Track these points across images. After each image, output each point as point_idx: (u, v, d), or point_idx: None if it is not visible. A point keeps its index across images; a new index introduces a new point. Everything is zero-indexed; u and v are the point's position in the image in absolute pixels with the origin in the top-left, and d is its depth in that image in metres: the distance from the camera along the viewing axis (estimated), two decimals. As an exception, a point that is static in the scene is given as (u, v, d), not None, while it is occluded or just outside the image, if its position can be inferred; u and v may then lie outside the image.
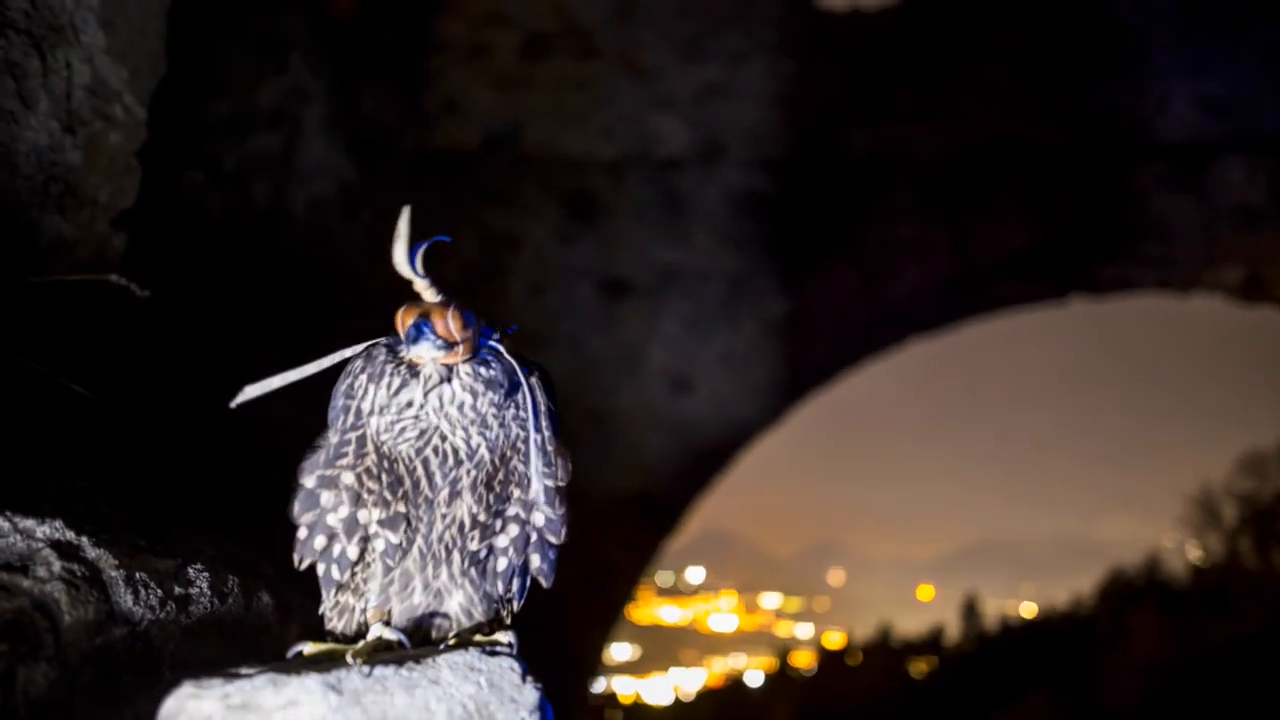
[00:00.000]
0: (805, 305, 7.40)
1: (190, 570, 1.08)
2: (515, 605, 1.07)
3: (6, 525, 0.89)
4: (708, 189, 7.41)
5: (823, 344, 7.55)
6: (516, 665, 0.90)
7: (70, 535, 0.95)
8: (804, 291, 7.39)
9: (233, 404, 1.00)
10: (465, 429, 0.98)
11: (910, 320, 8.06)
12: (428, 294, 1.01)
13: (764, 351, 7.41)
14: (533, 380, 1.07)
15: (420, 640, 1.01)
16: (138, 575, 0.99)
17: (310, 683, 0.79)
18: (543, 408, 1.05)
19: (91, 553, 0.95)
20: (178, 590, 1.04)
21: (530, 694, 0.87)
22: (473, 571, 1.01)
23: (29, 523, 0.92)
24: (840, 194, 7.27)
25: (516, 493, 1.04)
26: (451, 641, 0.99)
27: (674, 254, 7.43)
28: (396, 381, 0.98)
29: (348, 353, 1.03)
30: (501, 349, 1.07)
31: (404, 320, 1.00)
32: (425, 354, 0.99)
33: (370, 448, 0.99)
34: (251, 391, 0.98)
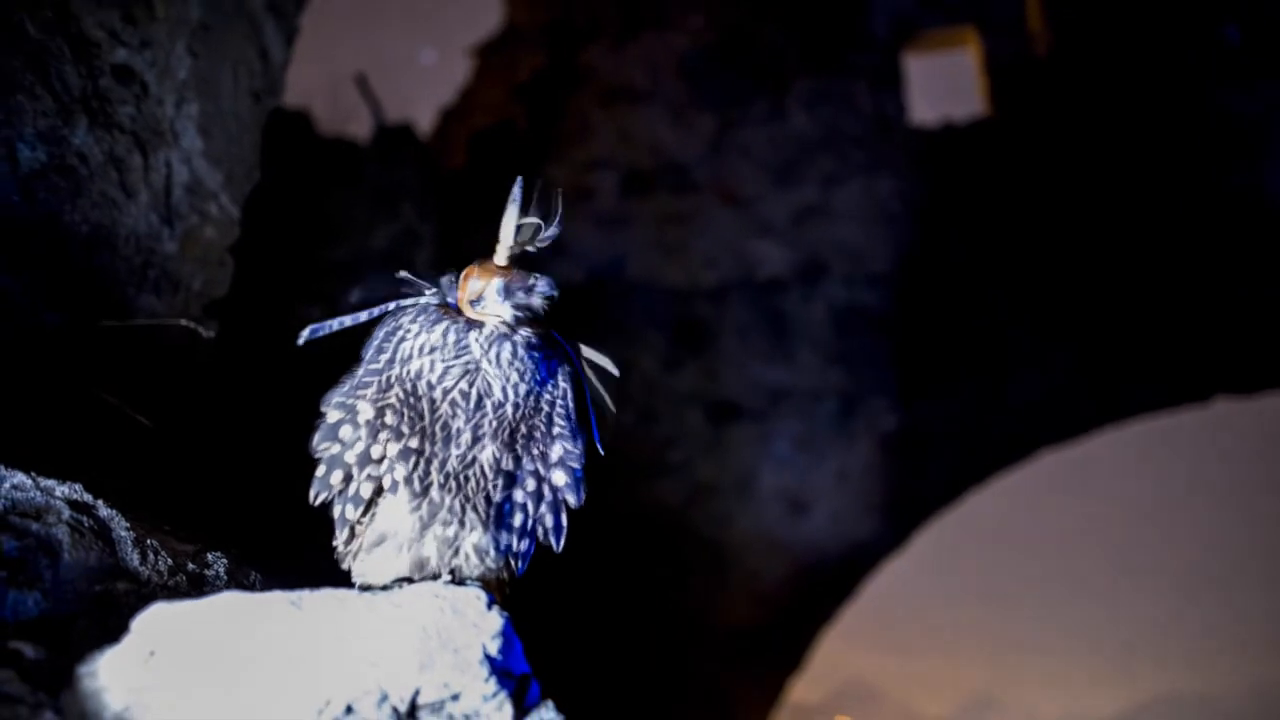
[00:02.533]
0: (921, 420, 7.14)
1: (210, 555, 1.08)
2: (519, 565, 1.04)
3: (29, 482, 0.93)
4: (811, 308, 7.39)
5: (943, 460, 7.22)
6: (483, 595, 0.85)
7: (87, 498, 0.97)
8: (919, 406, 7.15)
9: (299, 342, 1.06)
10: (503, 381, 0.99)
11: (1037, 431, 7.62)
12: (502, 260, 1.05)
13: (881, 469, 7.14)
14: (565, 357, 1.09)
15: (432, 578, 0.98)
16: (149, 541, 0.99)
17: (273, 598, 0.77)
18: (572, 375, 1.11)
19: (104, 512, 0.97)
20: (191, 567, 1.03)
21: (494, 620, 0.81)
22: (493, 519, 1.00)
23: (50, 482, 0.95)
24: (948, 305, 7.11)
25: (536, 450, 1.04)
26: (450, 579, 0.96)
27: (781, 374, 7.36)
28: (453, 333, 1.01)
29: (406, 303, 1.07)
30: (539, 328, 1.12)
31: (482, 277, 1.03)
32: (504, 313, 1.04)
33: (397, 386, 1.00)
34: (314, 331, 1.04)
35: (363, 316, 1.07)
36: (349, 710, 0.69)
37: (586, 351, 1.15)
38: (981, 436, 7.18)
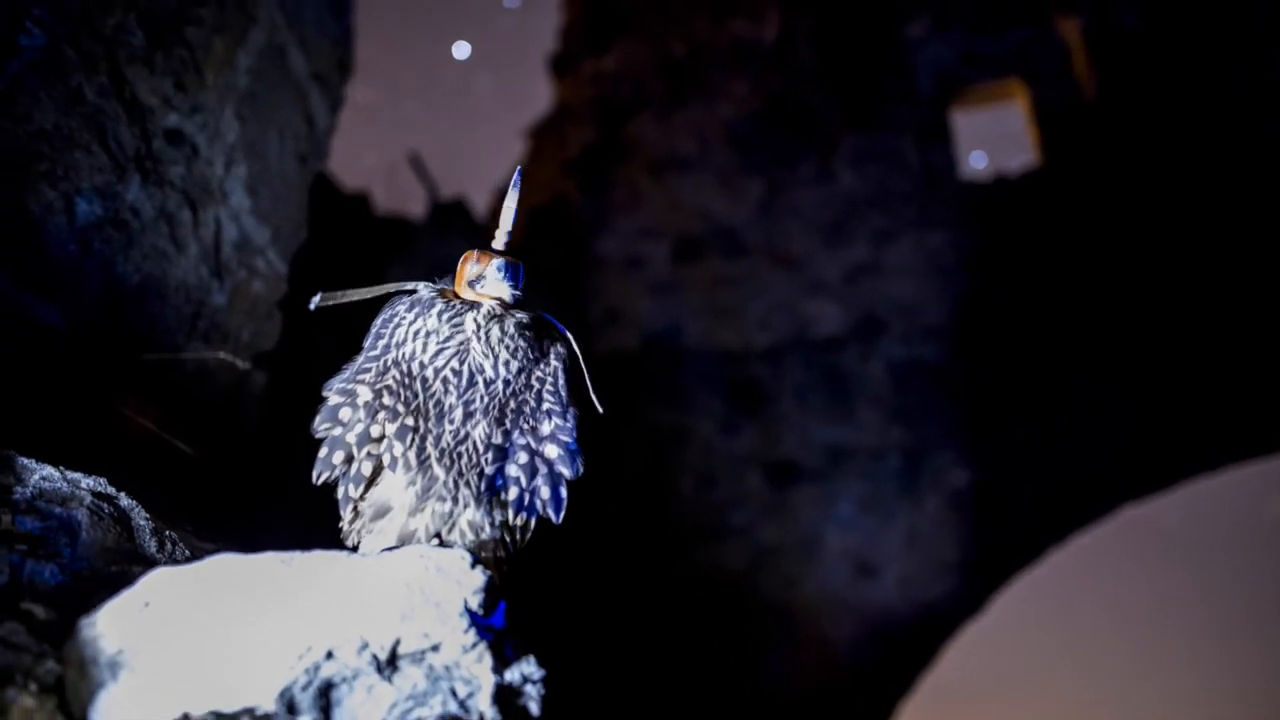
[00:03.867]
0: (991, 476, 6.94)
1: (229, 555, 1.11)
2: (521, 538, 1.06)
3: (57, 474, 0.98)
4: (869, 365, 7.31)
5: (1018, 516, 6.97)
6: (467, 556, 0.85)
7: (110, 490, 1.02)
8: (987, 461, 6.96)
9: (311, 307, 1.12)
10: (494, 359, 1.02)
11: (1116, 485, 7.32)
12: (500, 244, 1.10)
13: (952, 528, 6.92)
14: (557, 336, 1.13)
15: None
16: (167, 532, 1.03)
17: (266, 557, 0.80)
18: (564, 355, 1.13)
19: (125, 502, 1.02)
20: (209, 561, 1.07)
21: (477, 577, 0.82)
22: (486, 494, 1.01)
23: (77, 475, 1.00)
24: (1009, 356, 6.97)
25: (527, 425, 1.06)
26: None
27: (842, 433, 7.25)
28: (450, 314, 1.05)
29: (408, 285, 1.12)
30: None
31: (481, 260, 1.07)
32: (504, 292, 1.08)
33: (394, 369, 1.04)
34: (324, 299, 1.10)
35: (373, 292, 1.13)
36: (329, 655, 0.71)
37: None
38: (1057, 491, 6.94)
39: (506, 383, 1.04)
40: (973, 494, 6.95)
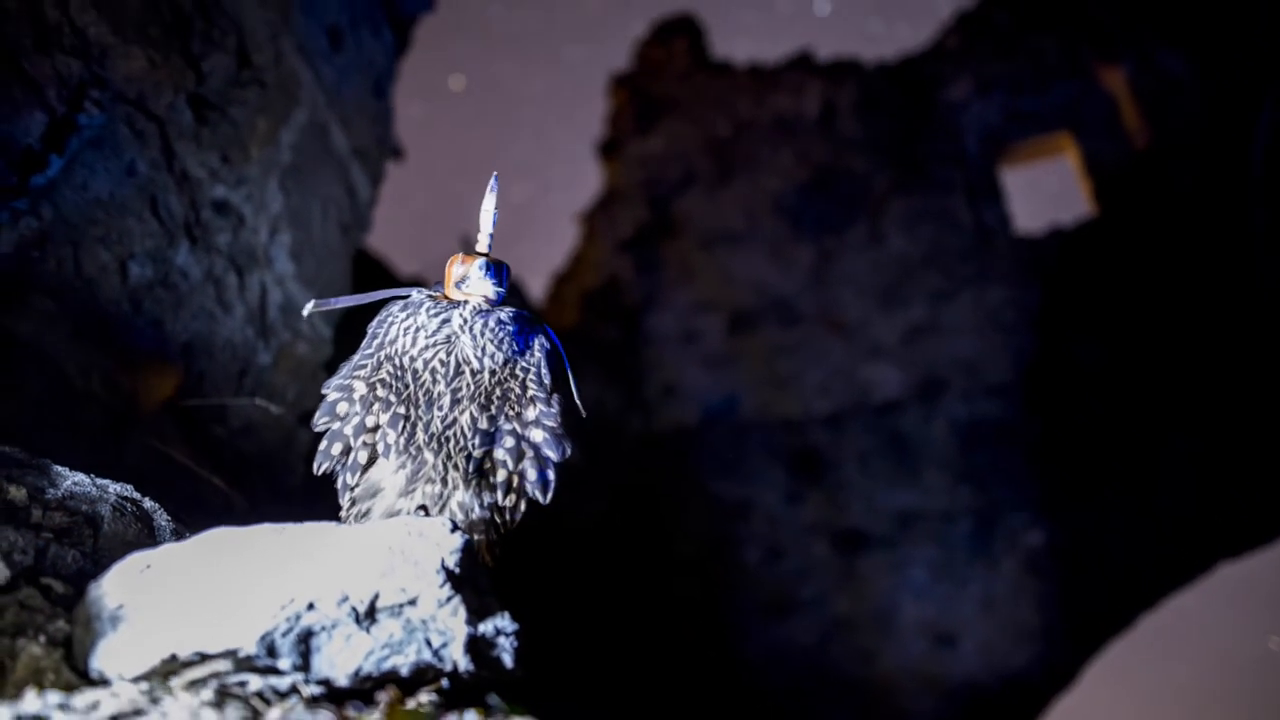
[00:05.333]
0: (1069, 535, 6.65)
1: (226, 527, 1.16)
2: (510, 519, 1.07)
3: (87, 480, 1.05)
4: (932, 426, 7.15)
5: (1101, 578, 6.63)
6: (448, 522, 0.87)
7: (136, 495, 1.08)
8: (1064, 521, 6.68)
9: (305, 313, 1.18)
10: (479, 351, 1.06)
11: (1209, 540, 6.94)
12: (483, 247, 1.15)
13: (1031, 593, 6.62)
14: (542, 329, 1.16)
15: None
16: (186, 534, 1.07)
17: (261, 528, 0.83)
18: (548, 348, 1.17)
19: (149, 505, 1.08)
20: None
21: (455, 540, 0.83)
22: (474, 476, 1.04)
23: (105, 481, 1.07)
24: (1079, 410, 6.75)
25: (512, 411, 1.09)
26: None
27: (909, 497, 7.07)
28: (438, 311, 1.10)
29: (400, 292, 1.17)
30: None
31: (466, 262, 1.13)
32: (487, 290, 1.12)
33: (386, 364, 1.09)
34: (319, 305, 1.16)
35: (367, 298, 1.18)
36: (311, 607, 0.73)
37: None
38: (1144, 550, 6.60)
39: (492, 372, 1.08)
40: (1050, 556, 6.67)
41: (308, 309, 1.18)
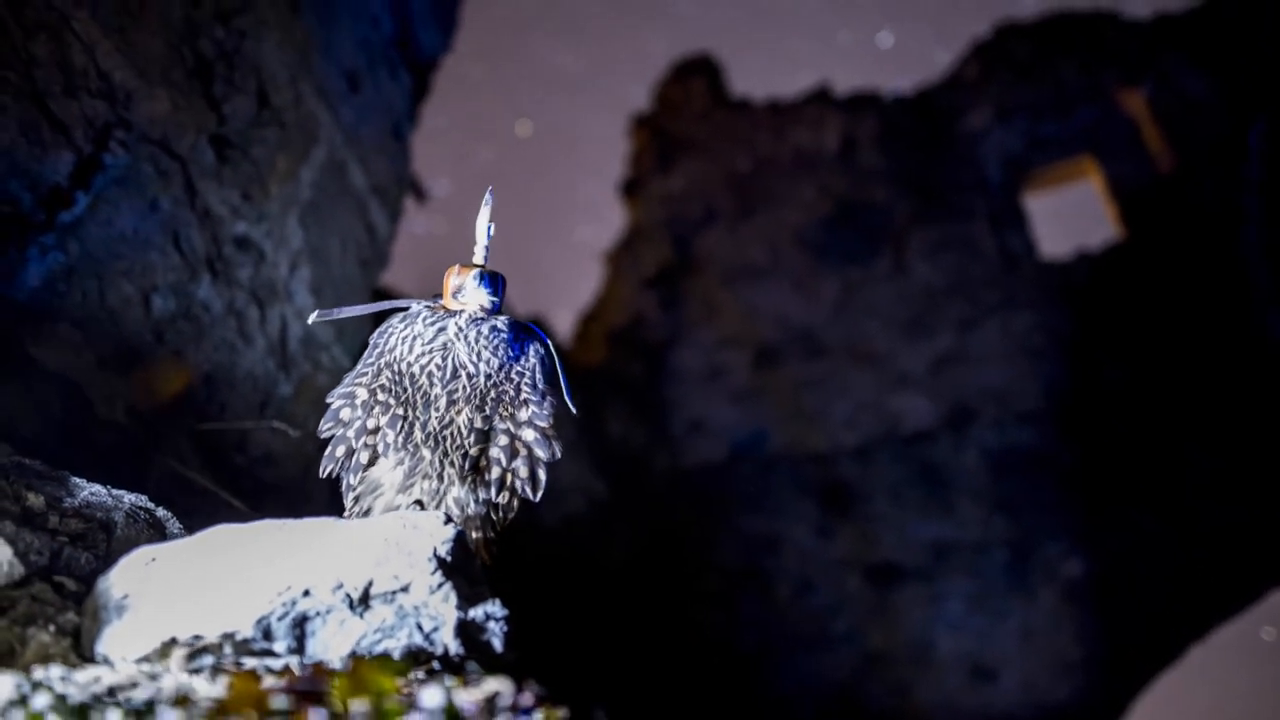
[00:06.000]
0: (1108, 565, 6.50)
1: (230, 524, 1.19)
2: (504, 515, 1.10)
3: (103, 490, 1.10)
4: (964, 456, 7.06)
5: (1145, 607, 6.46)
6: (442, 515, 0.89)
7: (150, 505, 1.12)
8: (1102, 549, 6.53)
9: (310, 321, 1.27)
10: (474, 356, 1.10)
11: (1256, 566, 6.75)
12: (479, 258, 1.19)
13: (1071, 623, 6.46)
14: (536, 339, 1.18)
15: None
16: (196, 536, 1.11)
17: (264, 524, 0.86)
18: (542, 354, 1.17)
19: (161, 513, 1.11)
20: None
21: (447, 531, 0.85)
22: (470, 473, 1.07)
23: (121, 492, 1.11)
24: (1112, 434, 6.64)
25: (506, 412, 1.12)
26: None
27: (942, 528, 6.96)
28: (434, 320, 1.14)
29: (400, 304, 1.21)
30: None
31: (464, 272, 1.17)
32: (483, 299, 1.17)
33: (386, 370, 1.13)
34: (323, 315, 1.20)
35: (370, 309, 1.22)
36: (307, 593, 0.75)
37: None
38: (1184, 578, 6.43)
39: (487, 376, 1.12)
40: (1089, 585, 6.51)
41: (312, 318, 1.22)
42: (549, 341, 1.23)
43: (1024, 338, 7.17)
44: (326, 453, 1.13)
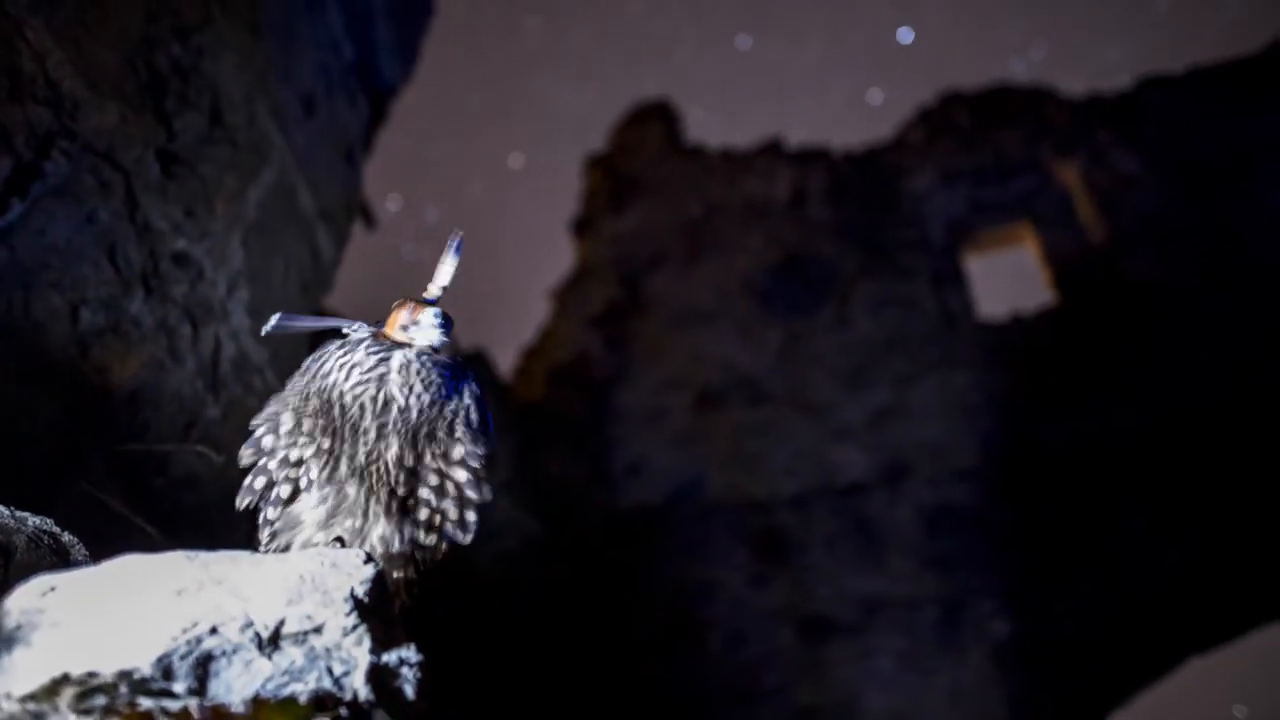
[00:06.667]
0: (1036, 627, 6.60)
1: (137, 555, 1.15)
2: (431, 557, 1.07)
3: (6, 512, 1.04)
4: (898, 511, 7.15)
5: (1071, 671, 6.56)
6: (362, 553, 0.87)
7: (56, 529, 1.07)
8: (1031, 611, 6.63)
9: (263, 332, 1.21)
10: (408, 391, 1.08)
11: (1178, 634, 6.91)
12: (434, 295, 1.18)
13: (998, 685, 6.53)
14: (471, 377, 1.17)
15: None
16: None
17: (173, 555, 0.83)
18: (477, 394, 1.15)
19: (67, 539, 1.06)
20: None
21: (367, 570, 0.83)
22: (396, 511, 1.04)
23: (25, 514, 1.06)
24: (1044, 495, 6.79)
25: (438, 450, 1.09)
26: None
27: (875, 584, 7.01)
28: (377, 350, 1.11)
29: (346, 325, 1.18)
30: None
31: (416, 310, 1.15)
32: (433, 337, 1.16)
33: (315, 397, 1.09)
34: (278, 326, 1.16)
35: (323, 324, 1.19)
36: (214, 631, 0.73)
37: None
38: (1113, 642, 6.56)
39: (421, 411, 1.10)
40: (1018, 647, 6.60)
41: (266, 329, 1.19)
42: (472, 376, 1.22)
43: (961, 395, 7.33)
44: (245, 483, 1.09)
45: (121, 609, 0.74)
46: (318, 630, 0.75)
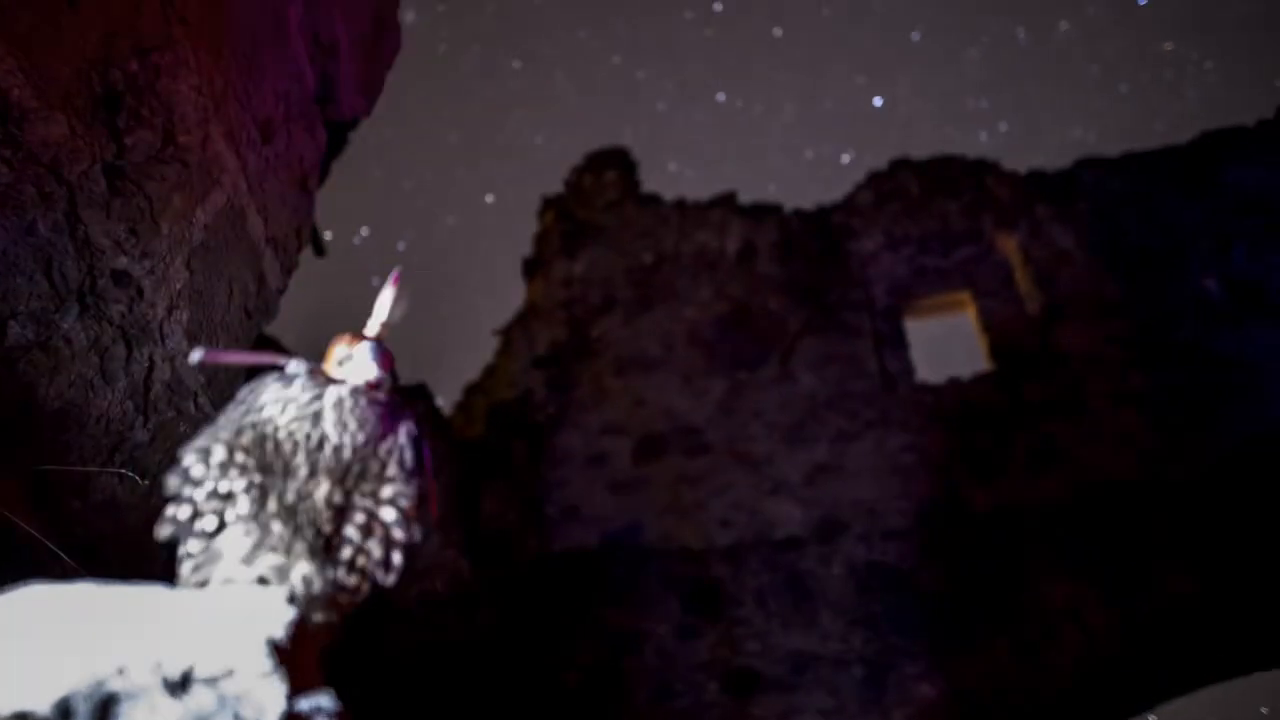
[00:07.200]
0: (960, 689, 6.66)
1: (41, 585, 1.11)
2: (353, 598, 1.06)
3: None
4: (831, 567, 7.20)
5: (990, 734, 6.63)
6: (283, 593, 0.85)
7: None
8: (956, 673, 6.70)
9: (190, 361, 1.16)
10: (343, 429, 1.07)
11: (1096, 701, 7.03)
12: (373, 332, 1.17)
13: (921, 745, 6.56)
14: (409, 416, 1.17)
15: None
16: None
17: (82, 586, 0.81)
18: (414, 434, 1.15)
19: None
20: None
21: (286, 612, 0.81)
22: (321, 550, 1.03)
23: None
24: (973, 558, 6.91)
25: (368, 489, 1.09)
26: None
27: (804, 640, 7.02)
28: (312, 385, 1.10)
29: (284, 360, 1.16)
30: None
31: (353, 343, 1.14)
32: (370, 373, 1.15)
33: (249, 430, 1.07)
34: (206, 355, 1.14)
35: (253, 359, 1.18)
36: (120, 672, 0.70)
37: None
38: (1035, 708, 6.64)
39: (353, 450, 1.09)
40: (943, 709, 6.65)
41: (193, 358, 1.18)
42: (418, 425, 1.21)
43: (897, 456, 7.46)
44: (168, 513, 1.06)
45: (21, 643, 0.72)
46: (230, 674, 0.73)
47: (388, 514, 1.10)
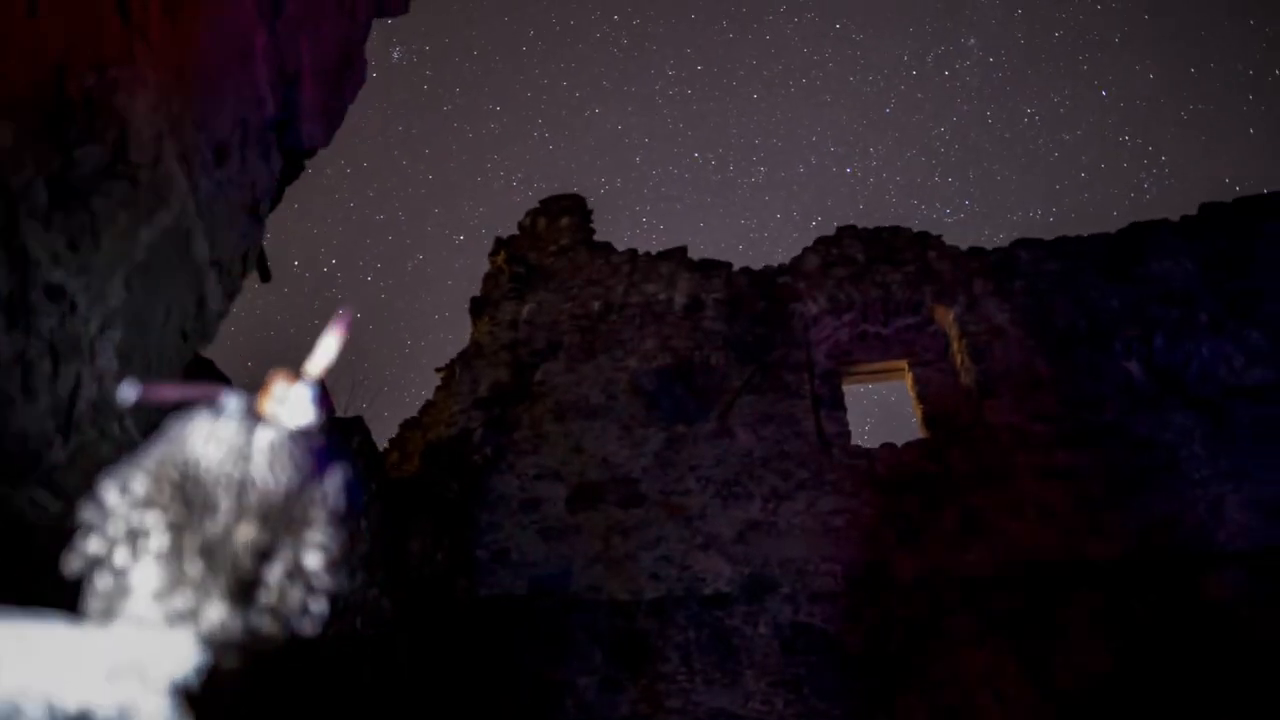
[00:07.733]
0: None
1: None
2: (269, 646, 1.02)
3: None
4: (757, 626, 7.20)
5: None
6: (193, 634, 0.83)
7: None
8: (874, 738, 6.72)
9: (119, 399, 1.12)
10: (271, 469, 1.05)
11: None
12: (314, 372, 1.15)
13: (836, 811, 6.54)
14: (343, 458, 1.15)
15: None
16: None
17: None
18: (347, 478, 1.13)
19: None
20: None
21: (196, 655, 0.79)
22: (239, 594, 1.00)
23: None
24: (896, 624, 6.97)
25: (293, 534, 1.06)
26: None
27: (726, 699, 6.98)
28: (240, 424, 1.07)
29: (219, 392, 1.13)
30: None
31: (290, 379, 1.12)
32: (306, 412, 1.11)
33: (173, 466, 1.04)
34: (137, 392, 1.10)
35: (187, 392, 1.15)
36: (16, 710, 0.68)
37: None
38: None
39: (281, 493, 1.07)
40: (858, 774, 6.65)
41: (123, 395, 1.14)
42: (355, 468, 1.19)
43: (827, 518, 7.53)
44: (79, 543, 1.03)
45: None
46: (129, 716, 0.71)
47: (311, 561, 1.07)
